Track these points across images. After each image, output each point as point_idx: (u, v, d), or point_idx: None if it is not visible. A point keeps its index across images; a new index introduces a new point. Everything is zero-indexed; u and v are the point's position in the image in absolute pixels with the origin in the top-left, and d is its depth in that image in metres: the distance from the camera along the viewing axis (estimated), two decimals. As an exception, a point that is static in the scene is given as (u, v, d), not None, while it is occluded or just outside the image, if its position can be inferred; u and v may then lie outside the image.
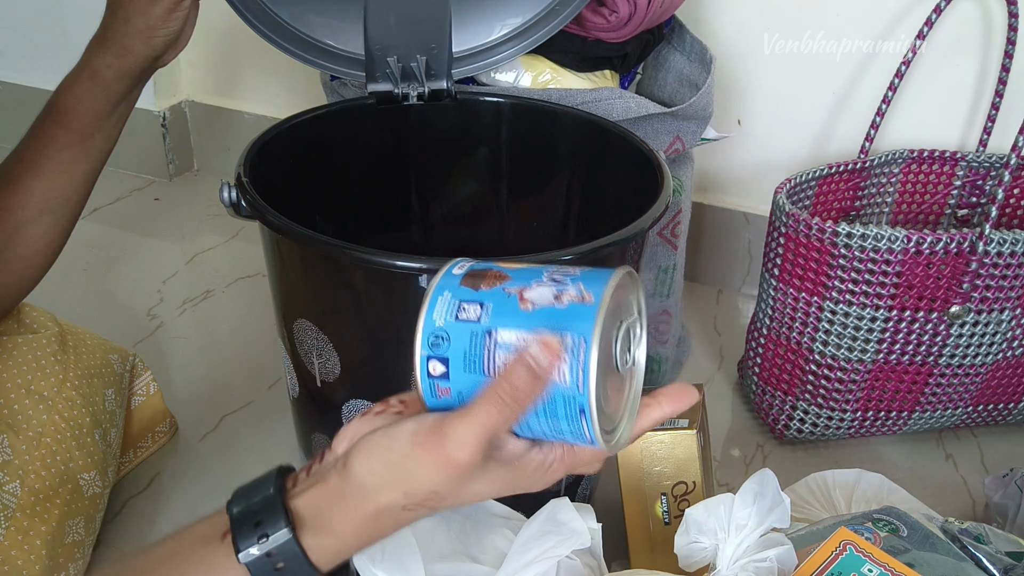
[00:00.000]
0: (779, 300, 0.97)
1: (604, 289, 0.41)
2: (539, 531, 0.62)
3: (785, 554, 0.60)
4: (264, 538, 0.43)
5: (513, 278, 0.43)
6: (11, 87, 1.59)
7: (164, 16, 0.72)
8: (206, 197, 1.53)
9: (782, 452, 1.03)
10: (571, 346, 0.41)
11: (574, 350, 0.41)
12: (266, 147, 0.77)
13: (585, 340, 0.40)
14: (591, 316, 0.41)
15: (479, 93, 0.91)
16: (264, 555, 0.43)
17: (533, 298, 0.42)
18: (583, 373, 0.41)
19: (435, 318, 0.43)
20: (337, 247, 0.63)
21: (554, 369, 0.41)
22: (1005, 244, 0.88)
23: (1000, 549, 0.69)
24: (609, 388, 0.44)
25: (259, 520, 0.43)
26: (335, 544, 0.44)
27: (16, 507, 0.73)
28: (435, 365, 0.43)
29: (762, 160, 1.27)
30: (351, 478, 0.43)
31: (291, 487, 0.45)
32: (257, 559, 0.43)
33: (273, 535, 0.43)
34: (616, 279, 0.42)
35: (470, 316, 0.43)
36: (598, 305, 0.41)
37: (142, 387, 0.94)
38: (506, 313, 0.42)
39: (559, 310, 0.41)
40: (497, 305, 0.42)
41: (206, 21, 0.78)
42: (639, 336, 0.46)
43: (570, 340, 0.41)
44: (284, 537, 0.43)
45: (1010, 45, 1.03)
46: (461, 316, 0.43)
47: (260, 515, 0.43)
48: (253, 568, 0.43)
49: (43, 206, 0.75)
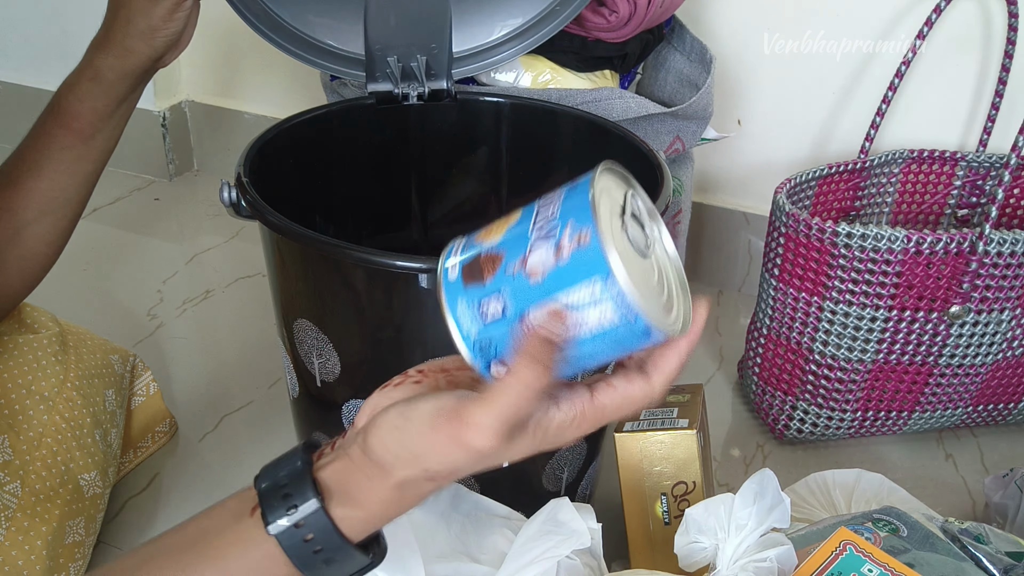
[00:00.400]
0: (779, 300, 0.97)
1: (594, 218, 0.39)
2: (539, 531, 0.62)
3: (785, 554, 0.60)
4: (293, 509, 0.43)
5: (506, 252, 0.42)
6: (11, 87, 1.59)
7: (166, 17, 0.72)
8: (206, 197, 1.53)
9: (782, 452, 1.03)
10: (601, 290, 0.39)
11: (605, 290, 0.39)
12: (266, 147, 0.77)
13: (609, 277, 0.39)
14: (600, 257, 0.39)
15: (479, 93, 0.91)
16: (293, 526, 0.43)
17: (536, 266, 0.41)
18: (627, 304, 0.39)
19: (467, 331, 0.43)
20: (337, 247, 0.63)
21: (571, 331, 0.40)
22: (1005, 244, 0.88)
23: (1000, 549, 0.69)
24: (646, 277, 0.42)
25: (287, 493, 0.43)
26: (363, 515, 0.44)
27: (16, 507, 0.73)
28: (496, 367, 0.42)
29: (762, 160, 1.27)
30: (370, 454, 0.43)
31: (317, 460, 0.45)
32: (286, 530, 0.43)
33: (302, 506, 0.43)
34: (597, 199, 0.40)
35: (496, 313, 0.42)
36: (598, 241, 0.39)
37: (142, 387, 0.94)
38: (523, 294, 0.41)
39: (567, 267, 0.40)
40: (512, 289, 0.41)
41: (206, 21, 0.78)
42: (644, 208, 0.44)
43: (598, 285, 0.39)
44: (313, 508, 0.43)
45: (1010, 45, 1.03)
46: (488, 317, 0.42)
47: (288, 488, 0.44)
48: (283, 540, 0.43)
49: (44, 206, 0.75)
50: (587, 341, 0.41)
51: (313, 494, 0.43)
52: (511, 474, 0.74)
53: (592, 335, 0.41)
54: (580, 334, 0.41)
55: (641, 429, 0.78)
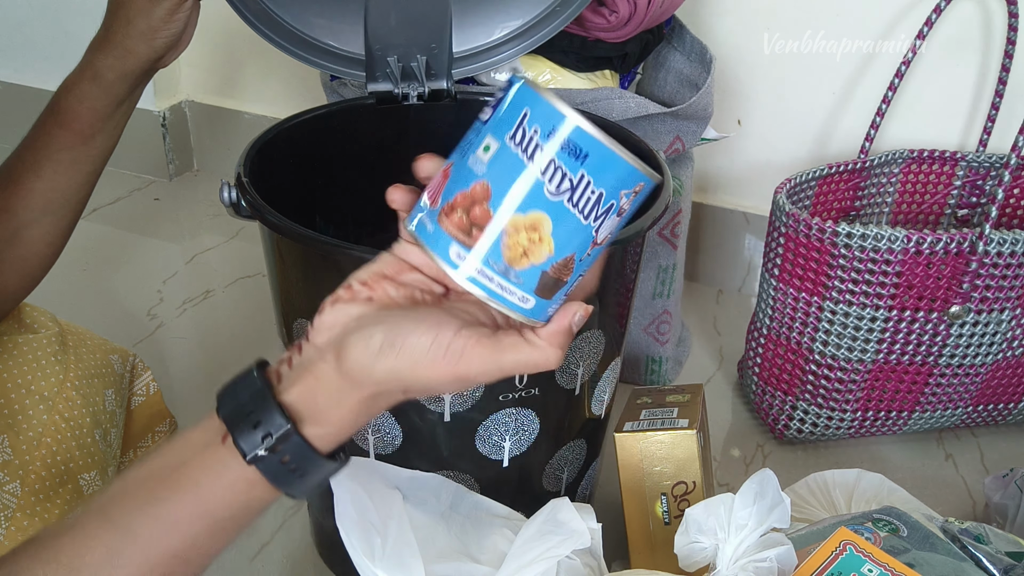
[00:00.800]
0: (779, 300, 0.97)
1: (644, 174, 0.42)
2: (539, 531, 0.62)
3: (785, 554, 0.60)
4: (268, 437, 0.44)
5: (576, 254, 0.43)
6: (11, 87, 1.59)
7: (166, 18, 0.71)
8: (206, 197, 1.53)
9: (782, 452, 1.03)
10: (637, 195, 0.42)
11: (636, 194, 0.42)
12: (266, 147, 0.77)
13: (649, 184, 0.42)
14: (649, 184, 0.42)
15: (479, 93, 0.91)
16: (270, 452, 0.44)
17: (607, 238, 0.43)
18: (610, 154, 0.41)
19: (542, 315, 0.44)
20: (337, 247, 0.63)
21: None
22: (1005, 244, 0.88)
23: (1000, 549, 0.69)
24: None
25: (257, 421, 0.44)
26: (335, 431, 0.46)
27: (16, 507, 0.73)
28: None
29: (762, 160, 1.27)
30: (346, 373, 0.44)
31: (277, 383, 0.46)
32: (265, 457, 0.44)
33: (276, 434, 0.44)
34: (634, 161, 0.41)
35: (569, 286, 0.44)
36: (649, 181, 0.42)
37: (142, 387, 0.94)
38: (593, 257, 0.44)
39: (624, 219, 0.43)
40: (585, 267, 0.44)
41: (206, 21, 0.78)
42: None
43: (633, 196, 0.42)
44: (287, 434, 0.44)
45: (1010, 45, 1.03)
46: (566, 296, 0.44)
47: (257, 415, 0.44)
48: (261, 465, 0.44)
49: (44, 207, 0.75)
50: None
51: (284, 420, 0.44)
52: (511, 474, 0.74)
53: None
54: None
55: (641, 429, 0.78)
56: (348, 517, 0.61)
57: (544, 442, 0.74)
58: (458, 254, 0.42)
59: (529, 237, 0.41)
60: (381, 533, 0.61)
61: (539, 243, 0.41)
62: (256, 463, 0.44)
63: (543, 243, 0.41)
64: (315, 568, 0.87)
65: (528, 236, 0.41)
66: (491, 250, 0.42)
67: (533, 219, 0.41)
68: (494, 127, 0.42)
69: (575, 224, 0.41)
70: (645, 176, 0.42)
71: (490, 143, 0.42)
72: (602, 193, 0.41)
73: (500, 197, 0.41)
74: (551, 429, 0.74)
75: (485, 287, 0.42)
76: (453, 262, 0.42)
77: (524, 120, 0.41)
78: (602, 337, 0.73)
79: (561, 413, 0.74)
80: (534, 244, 0.41)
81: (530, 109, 0.41)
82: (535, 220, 0.41)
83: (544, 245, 0.41)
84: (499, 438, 0.72)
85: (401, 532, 0.61)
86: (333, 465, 0.47)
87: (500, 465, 0.73)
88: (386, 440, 0.72)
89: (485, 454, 0.72)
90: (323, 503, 0.81)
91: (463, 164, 0.43)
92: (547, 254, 0.42)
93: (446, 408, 0.69)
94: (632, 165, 0.41)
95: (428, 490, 0.66)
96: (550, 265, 0.42)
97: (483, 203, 0.41)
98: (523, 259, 0.42)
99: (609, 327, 0.73)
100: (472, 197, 0.42)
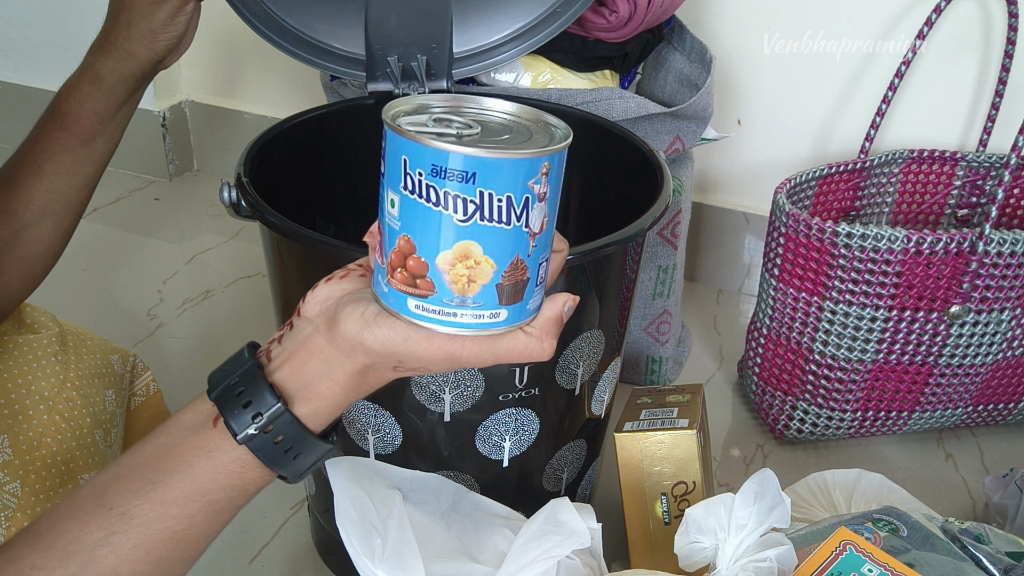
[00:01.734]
0: (779, 300, 0.97)
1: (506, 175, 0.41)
2: (539, 531, 0.62)
3: (785, 554, 0.60)
4: (258, 417, 0.44)
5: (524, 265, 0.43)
6: (11, 87, 1.59)
7: (167, 21, 0.71)
8: (206, 197, 1.53)
9: (782, 452, 1.03)
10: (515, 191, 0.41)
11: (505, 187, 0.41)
12: (266, 147, 0.77)
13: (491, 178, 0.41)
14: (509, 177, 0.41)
15: (479, 93, 0.91)
16: (261, 432, 0.44)
17: (538, 227, 0.43)
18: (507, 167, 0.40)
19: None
20: (337, 247, 0.63)
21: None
22: (1005, 244, 0.88)
23: (1000, 549, 0.69)
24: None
25: (247, 401, 0.45)
26: (325, 405, 0.46)
27: (16, 507, 0.73)
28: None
29: (762, 160, 1.27)
30: (339, 341, 0.44)
31: (267, 362, 0.46)
32: (256, 437, 0.44)
33: (266, 413, 0.44)
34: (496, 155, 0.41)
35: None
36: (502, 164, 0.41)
37: (142, 387, 0.94)
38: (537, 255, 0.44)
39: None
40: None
41: (206, 21, 0.78)
42: (443, 108, 0.45)
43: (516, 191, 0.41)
44: (277, 412, 0.44)
45: (1010, 45, 1.03)
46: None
47: (247, 395, 0.45)
48: (253, 445, 0.44)
49: (44, 209, 0.75)
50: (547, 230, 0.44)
51: (274, 398, 0.44)
52: (511, 474, 0.74)
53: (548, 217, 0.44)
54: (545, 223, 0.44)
55: (641, 429, 0.78)
56: (348, 517, 0.61)
57: (544, 442, 0.74)
58: (416, 305, 0.43)
59: (467, 266, 0.42)
60: (381, 533, 0.61)
61: (477, 266, 0.42)
62: (247, 443, 0.44)
63: (481, 264, 0.42)
64: (315, 568, 0.87)
65: (465, 265, 0.42)
66: (439, 291, 0.43)
67: (461, 250, 0.42)
68: (389, 181, 0.43)
69: (500, 235, 0.42)
70: (542, 157, 0.41)
71: (393, 197, 0.42)
72: (509, 196, 0.41)
73: (423, 244, 0.42)
74: (551, 429, 0.74)
75: (453, 323, 0.43)
76: (417, 314, 0.43)
77: (406, 167, 0.41)
78: (602, 337, 0.73)
79: (561, 413, 0.74)
80: (474, 269, 0.42)
81: (406, 156, 0.41)
82: (463, 250, 0.42)
83: (484, 265, 0.42)
84: (499, 438, 0.72)
85: (401, 532, 0.61)
86: (324, 446, 0.47)
87: (500, 465, 0.73)
88: (386, 440, 0.72)
89: (485, 454, 0.72)
90: (323, 503, 0.81)
91: (384, 222, 0.44)
92: (490, 271, 0.42)
93: (446, 408, 0.69)
94: (522, 159, 0.41)
95: (428, 490, 0.66)
96: (500, 277, 0.43)
97: (412, 254, 0.42)
98: (472, 285, 0.42)
99: (609, 327, 0.73)
100: (402, 252, 0.43)
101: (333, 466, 0.63)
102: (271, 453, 0.45)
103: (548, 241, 0.45)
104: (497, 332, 0.44)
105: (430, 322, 0.43)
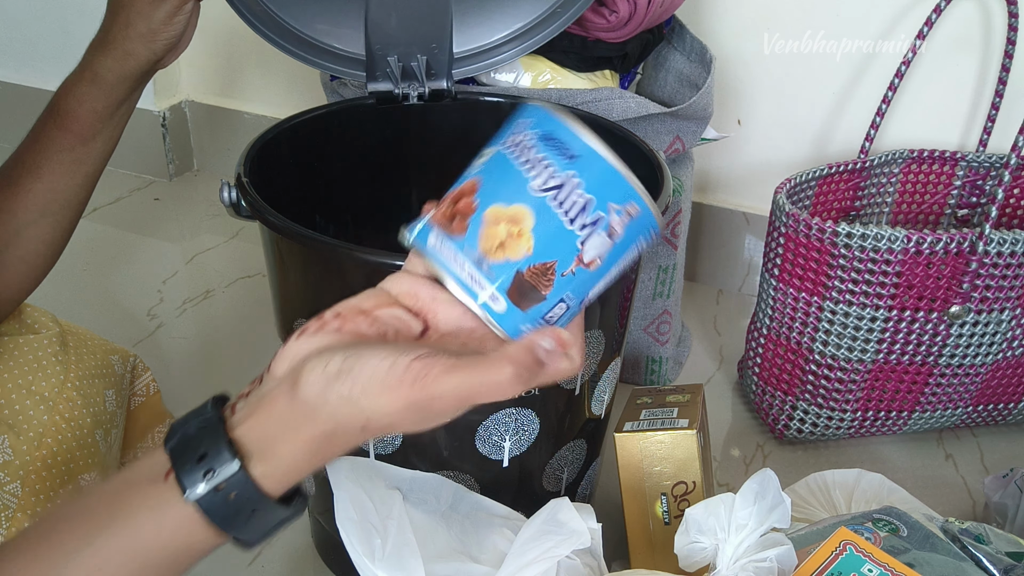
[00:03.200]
0: (779, 300, 0.97)
1: (638, 193, 0.41)
2: (539, 531, 0.62)
3: (785, 554, 0.60)
4: (211, 473, 0.41)
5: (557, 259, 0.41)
6: (11, 87, 1.59)
7: (166, 20, 0.71)
8: (206, 197, 1.53)
9: (782, 452, 1.03)
10: (648, 237, 0.43)
11: (651, 233, 0.43)
12: (266, 147, 0.77)
13: (656, 227, 0.42)
14: (650, 217, 0.42)
15: (479, 93, 0.91)
16: (213, 490, 0.41)
17: (596, 257, 0.42)
18: (655, 225, 0.42)
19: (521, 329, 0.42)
20: (337, 247, 0.63)
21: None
22: (1005, 244, 0.88)
23: (1000, 549, 0.69)
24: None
25: (203, 454, 0.41)
26: (284, 468, 0.42)
27: (16, 507, 0.73)
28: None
29: (762, 160, 1.27)
30: (300, 402, 0.41)
31: (230, 416, 0.43)
32: (206, 495, 0.41)
33: (219, 469, 0.41)
34: (626, 173, 0.41)
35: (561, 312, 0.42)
36: (647, 207, 0.42)
37: (142, 387, 0.94)
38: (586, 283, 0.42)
39: (622, 241, 0.42)
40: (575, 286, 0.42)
41: (206, 21, 0.78)
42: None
43: (649, 235, 0.43)
44: (232, 469, 0.41)
45: (1010, 45, 1.03)
46: (554, 319, 0.43)
47: (202, 449, 0.41)
48: (203, 504, 0.41)
49: (43, 208, 0.75)
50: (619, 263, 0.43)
51: (231, 454, 0.41)
52: (511, 474, 0.74)
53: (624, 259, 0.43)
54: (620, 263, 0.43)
55: (641, 429, 0.78)
56: (348, 517, 0.61)
57: (544, 442, 0.74)
58: (436, 242, 0.42)
59: (508, 230, 0.40)
60: (381, 533, 0.61)
61: (518, 237, 0.40)
62: (198, 501, 0.41)
63: (522, 238, 0.40)
64: (315, 568, 0.87)
65: (507, 228, 0.40)
66: (468, 236, 0.41)
67: (515, 212, 0.40)
68: (495, 140, 0.43)
69: (558, 225, 0.40)
70: (637, 194, 0.41)
71: (487, 151, 0.42)
72: (590, 199, 0.40)
73: (485, 188, 0.41)
74: (551, 429, 0.74)
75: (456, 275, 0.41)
76: (431, 248, 0.42)
77: (521, 127, 0.42)
78: (602, 337, 0.73)
79: (561, 413, 0.74)
80: (512, 238, 0.40)
81: (528, 119, 0.42)
82: (517, 213, 0.40)
83: (523, 240, 0.40)
84: (499, 438, 0.72)
85: (401, 532, 0.61)
86: (282, 511, 0.43)
87: (500, 465, 0.73)
88: (386, 440, 0.72)
89: (485, 454, 0.72)
90: (323, 503, 0.81)
91: (460, 177, 0.43)
92: (525, 252, 0.40)
93: (446, 408, 0.69)
94: (622, 175, 0.41)
95: (428, 490, 0.66)
96: (527, 266, 0.41)
97: (469, 196, 0.41)
98: (498, 251, 0.40)
99: (609, 327, 0.73)
100: (461, 192, 0.42)
101: (333, 466, 0.63)
102: (223, 513, 0.41)
103: (584, 291, 0.42)
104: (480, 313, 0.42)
105: (437, 260, 0.42)
